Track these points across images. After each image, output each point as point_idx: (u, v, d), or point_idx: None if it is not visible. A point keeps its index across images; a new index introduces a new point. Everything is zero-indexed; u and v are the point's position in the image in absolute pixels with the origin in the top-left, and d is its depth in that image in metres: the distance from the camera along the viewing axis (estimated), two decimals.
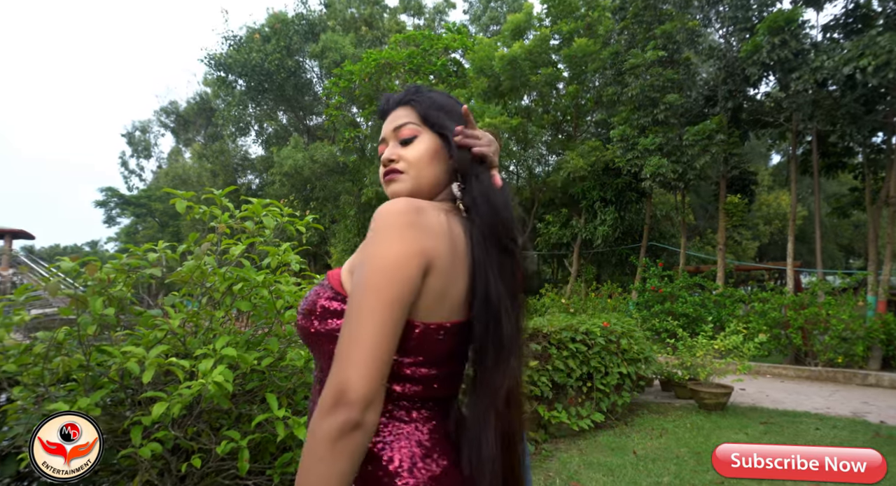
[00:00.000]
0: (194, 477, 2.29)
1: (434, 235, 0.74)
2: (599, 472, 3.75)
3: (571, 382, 4.73)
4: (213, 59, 21.44)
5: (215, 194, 2.18)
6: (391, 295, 0.69)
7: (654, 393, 7.17)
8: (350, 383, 0.66)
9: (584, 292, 13.11)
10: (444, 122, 0.91)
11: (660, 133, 11.89)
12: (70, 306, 1.94)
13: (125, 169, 33.46)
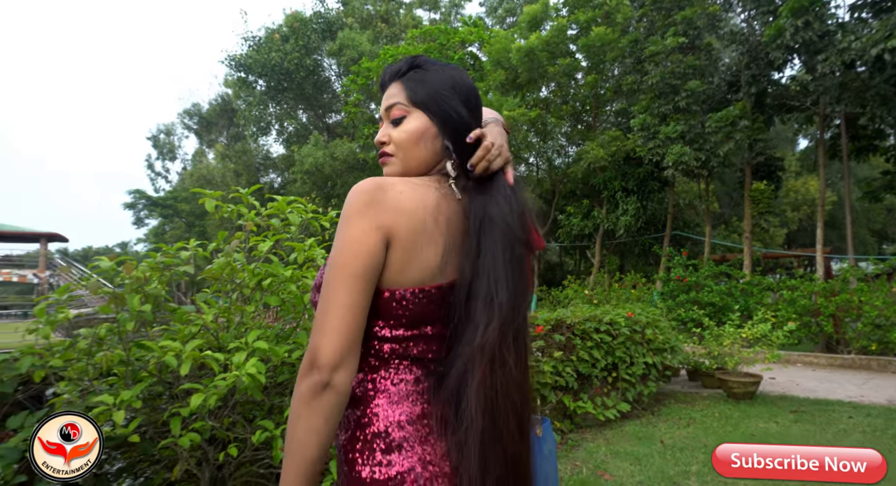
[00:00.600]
0: (231, 466, 2.37)
1: (395, 211, 0.78)
2: (626, 461, 3.76)
3: (596, 372, 4.73)
4: (234, 60, 21.75)
5: (242, 193, 2.25)
6: (352, 269, 0.75)
7: (680, 383, 7.11)
8: (320, 350, 0.73)
9: (607, 282, 13.01)
10: (436, 100, 0.90)
11: (681, 121, 11.70)
12: (109, 303, 2.03)
13: (151, 171, 34.27)
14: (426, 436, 0.79)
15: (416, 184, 0.84)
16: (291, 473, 0.73)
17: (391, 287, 0.79)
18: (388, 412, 0.79)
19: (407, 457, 0.77)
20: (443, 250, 0.81)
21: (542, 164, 16.57)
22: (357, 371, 0.82)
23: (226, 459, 2.27)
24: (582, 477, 3.41)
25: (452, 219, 0.84)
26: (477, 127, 0.93)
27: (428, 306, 0.80)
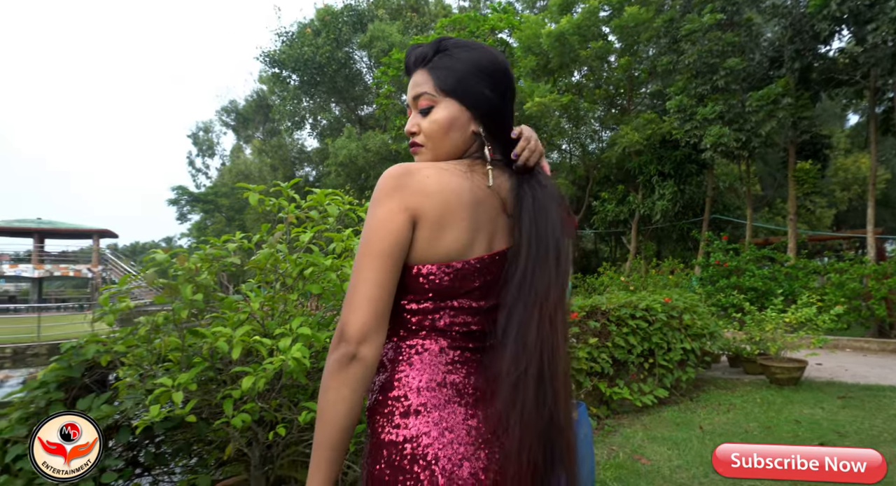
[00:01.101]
0: (279, 446, 2.51)
1: (421, 193, 0.81)
2: (664, 446, 3.75)
3: (632, 358, 4.71)
4: (268, 56, 22.16)
5: (282, 187, 2.35)
6: (380, 248, 0.80)
7: (721, 369, 6.99)
8: (348, 324, 0.78)
9: (643, 269, 12.81)
10: (465, 86, 0.90)
11: (720, 101, 11.35)
12: (164, 293, 2.17)
13: (192, 168, 35.37)
14: (445, 403, 0.83)
15: (444, 168, 0.86)
16: (322, 438, 0.79)
17: (418, 263, 0.83)
18: (409, 379, 0.84)
19: (423, 421, 0.81)
20: (468, 229, 0.84)
21: (575, 149, 16.33)
22: (387, 341, 0.87)
23: (274, 439, 2.40)
24: (618, 461, 3.44)
25: (481, 200, 0.87)
26: (509, 107, 0.95)
27: (453, 282, 0.84)
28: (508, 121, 0.95)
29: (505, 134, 0.94)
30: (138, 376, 2.35)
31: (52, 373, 2.60)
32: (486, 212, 0.88)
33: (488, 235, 0.89)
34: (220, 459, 2.84)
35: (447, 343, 0.86)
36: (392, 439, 0.81)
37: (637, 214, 14.37)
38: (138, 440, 2.96)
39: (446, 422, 0.82)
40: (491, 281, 0.88)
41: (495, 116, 0.92)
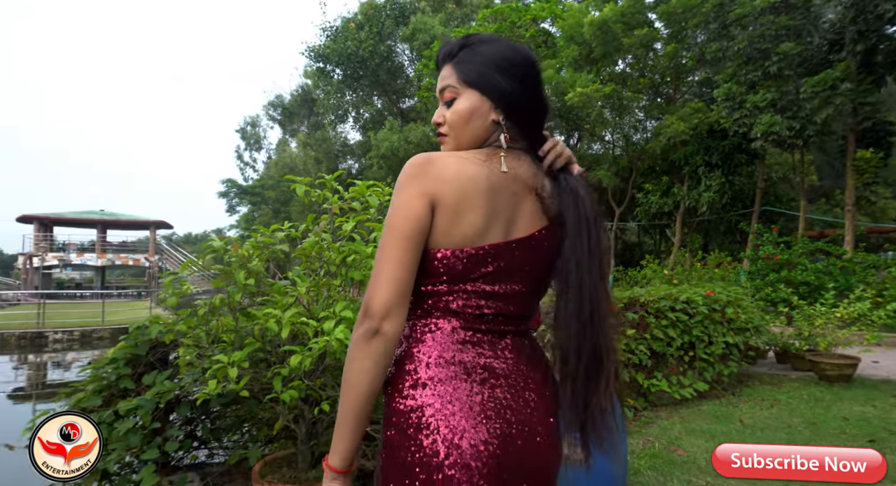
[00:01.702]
0: (323, 424, 2.67)
1: (440, 180, 0.87)
2: (701, 438, 3.74)
3: (671, 351, 4.68)
4: (313, 51, 22.63)
5: (326, 179, 2.49)
6: (402, 231, 0.86)
7: (768, 365, 6.81)
8: (372, 300, 0.83)
9: (688, 262, 12.51)
10: (485, 78, 0.95)
11: (772, 88, 10.91)
12: (220, 278, 2.35)
13: (240, 162, 36.60)
14: (451, 378, 0.88)
15: (463, 157, 0.91)
16: (346, 405, 0.86)
17: (436, 248, 0.89)
18: (421, 355, 0.90)
19: (429, 394, 0.87)
20: (484, 215, 0.89)
21: (618, 140, 16.01)
22: (407, 320, 0.94)
23: (319, 415, 2.56)
24: (654, 451, 3.46)
25: (499, 187, 0.91)
26: (532, 95, 0.98)
27: (465, 266, 0.89)
28: (533, 108, 0.99)
29: (529, 121, 0.98)
30: (196, 355, 2.56)
31: (121, 351, 2.85)
32: (505, 198, 0.92)
33: (506, 221, 0.92)
34: (268, 435, 3.04)
35: (459, 324, 0.91)
36: (401, 408, 0.88)
37: (682, 206, 14.00)
38: (195, 416, 3.20)
39: (451, 396, 0.86)
40: (507, 267, 0.92)
41: (516, 105, 0.97)
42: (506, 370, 0.93)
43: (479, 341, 0.92)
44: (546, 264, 0.96)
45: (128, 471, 2.73)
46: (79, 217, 29.20)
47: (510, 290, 0.93)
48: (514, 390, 0.92)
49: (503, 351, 0.94)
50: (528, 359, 0.97)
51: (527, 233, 0.94)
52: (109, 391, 2.79)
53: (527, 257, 0.94)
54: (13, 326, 13.39)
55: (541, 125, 1.01)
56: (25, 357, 11.70)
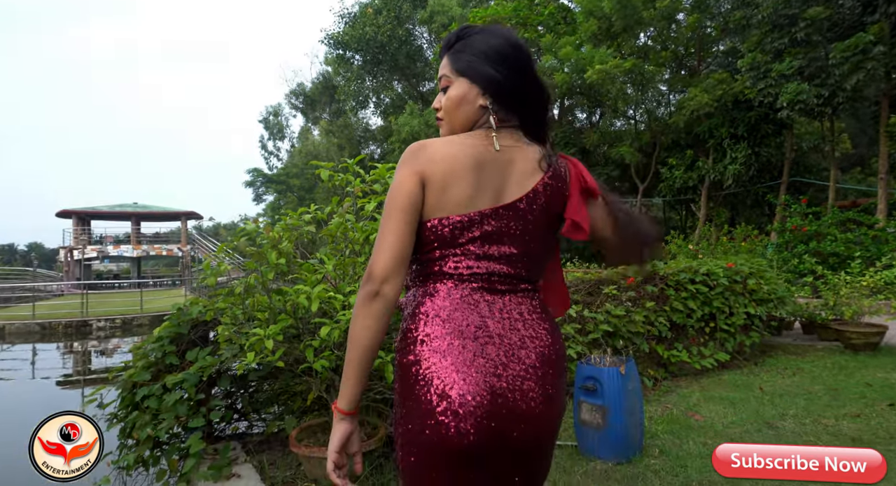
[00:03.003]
0: None
1: (429, 161, 0.99)
2: (720, 405, 3.82)
3: (692, 322, 4.74)
4: (332, 38, 22.73)
5: (349, 163, 2.64)
6: (398, 204, 0.97)
7: (793, 336, 6.79)
8: (374, 265, 0.94)
9: (714, 236, 12.36)
10: (473, 66, 1.06)
11: (799, 55, 10.60)
12: (253, 259, 2.53)
13: (265, 151, 37.17)
14: (446, 335, 0.98)
15: (452, 141, 1.03)
16: (351, 357, 0.98)
17: (428, 218, 1.01)
18: (420, 316, 1.02)
19: (426, 349, 0.98)
20: (470, 186, 1.00)
21: (641, 115, 15.75)
22: (411, 286, 1.08)
23: None
24: (671, 417, 3.56)
25: (486, 162, 1.02)
26: (520, 81, 1.07)
27: (452, 232, 1.00)
28: (521, 91, 1.08)
29: (519, 103, 1.08)
30: (234, 332, 2.76)
31: (166, 330, 3.08)
32: (493, 171, 1.02)
33: (494, 191, 1.03)
34: (302, 407, 3.25)
35: (454, 285, 1.02)
36: (403, 362, 1.01)
37: (707, 180, 13.77)
38: (235, 390, 3.43)
39: (444, 351, 0.97)
40: (495, 231, 1.02)
41: (503, 90, 1.07)
42: (500, 329, 1.00)
43: (474, 301, 1.01)
44: (538, 226, 1.05)
45: (176, 440, 2.98)
46: (114, 210, 30.22)
47: (501, 252, 1.03)
48: (507, 348, 0.99)
49: (499, 311, 1.02)
50: (527, 319, 1.04)
51: (512, 199, 1.03)
52: (157, 367, 3.02)
53: (514, 221, 1.03)
54: (59, 315, 14.08)
55: (535, 105, 1.10)
56: (71, 345, 12.32)
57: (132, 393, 2.92)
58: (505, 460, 0.98)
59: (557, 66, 13.82)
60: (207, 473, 2.72)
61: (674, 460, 2.82)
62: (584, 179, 1.09)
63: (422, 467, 0.96)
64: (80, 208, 29.53)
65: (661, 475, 2.64)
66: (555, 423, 1.03)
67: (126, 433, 2.92)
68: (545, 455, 1.06)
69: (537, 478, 1.06)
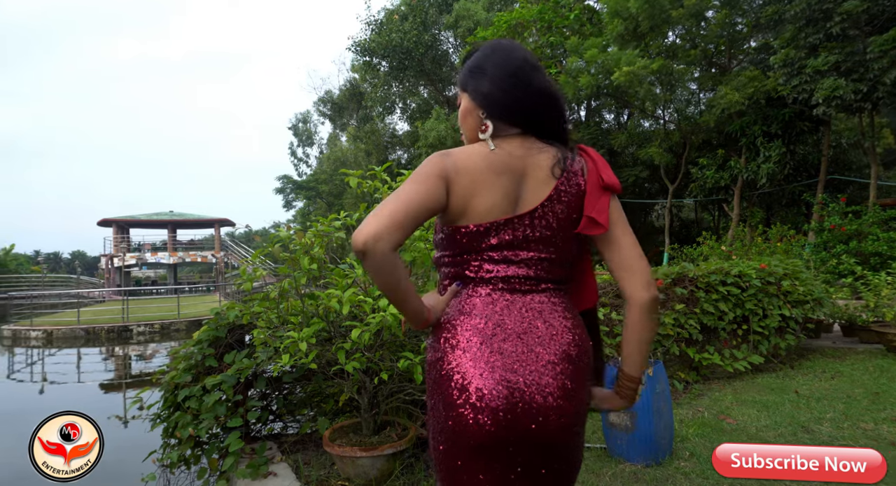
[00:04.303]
0: (382, 394, 2.92)
1: (453, 168, 1.04)
2: (753, 408, 3.76)
3: (723, 325, 4.67)
4: (358, 45, 23.05)
5: (377, 170, 2.72)
6: (413, 181, 1.01)
7: (833, 338, 6.60)
8: (365, 226, 0.94)
9: (748, 237, 12.07)
10: (466, 82, 1.15)
11: (835, 50, 10.30)
12: (286, 265, 2.63)
13: (294, 158, 37.90)
14: (466, 333, 1.05)
15: (471, 150, 1.09)
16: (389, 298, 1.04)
17: (449, 226, 1.08)
18: (445, 316, 1.10)
19: (447, 347, 1.06)
20: (490, 197, 1.05)
21: (669, 115, 15.52)
22: (439, 287, 1.16)
23: (378, 387, 2.82)
24: (703, 420, 3.52)
25: (501, 170, 1.07)
26: (508, 92, 1.10)
27: (472, 240, 1.07)
28: (516, 101, 1.11)
29: (514, 112, 1.11)
30: (268, 335, 2.86)
31: (205, 333, 3.21)
32: (509, 179, 1.07)
33: (512, 199, 1.07)
34: (334, 408, 3.34)
35: (475, 287, 1.09)
36: (429, 359, 1.10)
37: (740, 180, 13.46)
38: (270, 392, 3.55)
39: (463, 348, 1.04)
40: (513, 239, 1.07)
41: (493, 101, 1.12)
42: (518, 327, 1.05)
43: (493, 301, 1.07)
44: (557, 230, 1.09)
45: (215, 440, 3.10)
46: (151, 219, 31.22)
47: (520, 257, 1.08)
48: (525, 346, 1.04)
49: (518, 310, 1.07)
50: (546, 317, 1.07)
51: (529, 208, 1.07)
52: (197, 369, 3.15)
53: (531, 229, 1.07)
54: (102, 320, 14.63)
55: (536, 111, 1.12)
56: (112, 349, 12.79)
57: (174, 394, 3.05)
58: (528, 451, 1.02)
59: (583, 67, 13.74)
60: (245, 471, 2.83)
61: (704, 463, 2.80)
62: (601, 176, 1.10)
63: (449, 455, 1.03)
64: (120, 217, 30.62)
65: (691, 478, 2.63)
66: (575, 417, 1.05)
67: (169, 433, 3.06)
68: (570, 449, 1.08)
69: (565, 472, 1.09)
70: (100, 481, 4.32)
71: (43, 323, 14.72)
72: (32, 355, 12.42)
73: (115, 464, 4.60)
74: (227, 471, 2.89)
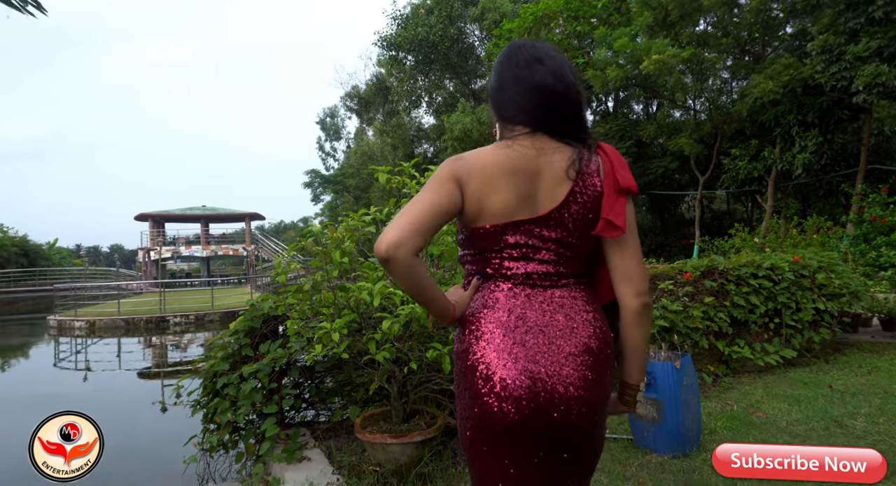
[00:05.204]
0: (411, 384, 3.00)
1: (465, 170, 1.08)
2: (784, 402, 3.71)
3: (754, 318, 4.61)
4: (385, 40, 23.13)
5: (404, 166, 2.78)
6: (428, 188, 1.07)
7: (871, 333, 6.44)
8: (386, 234, 1.01)
9: (783, 229, 11.76)
10: (487, 88, 1.24)
11: (877, 34, 9.91)
12: (318, 258, 2.72)
13: (322, 152, 38.31)
14: (490, 325, 1.10)
15: (483, 150, 1.13)
16: (411, 295, 1.10)
17: (468, 227, 1.13)
18: (470, 310, 1.15)
19: (472, 339, 1.11)
20: (507, 193, 1.09)
21: (700, 105, 15.16)
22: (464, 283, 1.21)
23: (407, 376, 2.90)
24: (732, 413, 3.51)
25: (515, 170, 1.09)
26: (513, 92, 1.15)
27: (491, 239, 1.12)
28: (517, 102, 1.16)
29: (517, 112, 1.16)
30: (301, 325, 2.97)
31: (241, 324, 3.33)
32: (524, 179, 1.10)
33: (527, 200, 1.10)
34: (365, 397, 3.43)
35: (497, 283, 1.14)
36: (457, 350, 1.16)
37: (774, 170, 13.09)
38: (303, 381, 3.67)
39: (487, 340, 1.09)
40: (532, 238, 1.11)
41: (499, 102, 1.19)
42: (540, 321, 1.09)
43: (515, 295, 1.12)
44: (575, 229, 1.12)
45: (252, 426, 3.23)
46: (185, 213, 32.07)
47: (539, 256, 1.12)
48: (546, 338, 1.08)
49: (539, 304, 1.11)
50: (567, 311, 1.11)
51: (545, 210, 1.10)
52: (234, 358, 3.29)
53: (548, 229, 1.11)
54: (141, 312, 15.16)
55: (539, 111, 1.14)
56: (150, 339, 13.26)
57: (213, 382, 3.19)
58: (550, 438, 1.06)
59: (611, 58, 13.53)
60: (281, 455, 2.95)
61: None
62: (616, 178, 1.12)
63: (476, 441, 1.09)
64: (156, 212, 31.53)
65: None
66: (596, 406, 1.09)
67: (208, 418, 3.20)
68: (591, 436, 1.12)
69: (586, 458, 1.14)
70: (143, 461, 4.54)
71: (86, 314, 15.33)
72: (76, 344, 12.97)
73: (156, 447, 4.84)
74: (263, 455, 3.01)
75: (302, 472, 2.80)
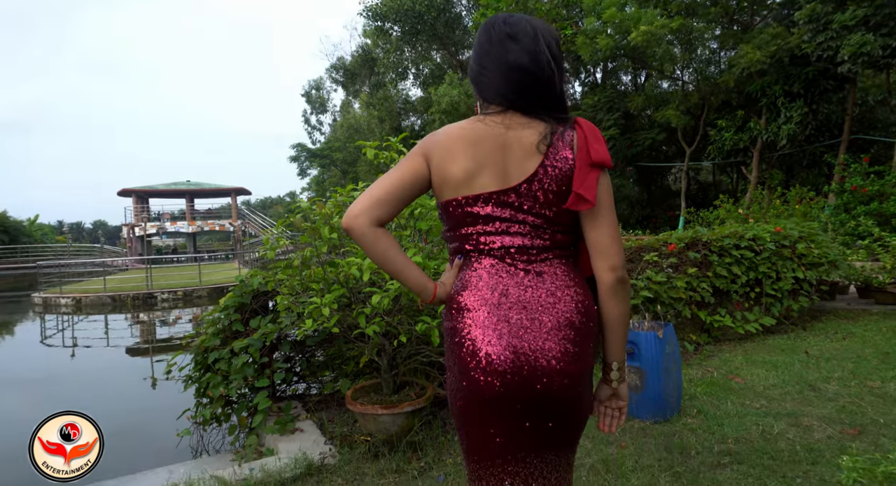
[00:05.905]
0: (401, 357, 3.06)
1: (432, 143, 1.14)
2: (762, 368, 3.84)
3: (736, 287, 4.72)
4: (370, 10, 22.60)
5: (392, 141, 2.77)
6: (402, 164, 1.14)
7: (848, 300, 6.62)
8: (350, 207, 1.10)
9: (767, 200, 11.91)
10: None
11: (864, 3, 9.88)
12: (307, 234, 2.73)
13: (308, 125, 37.71)
14: (475, 302, 1.13)
15: (453, 125, 1.18)
16: (380, 266, 1.16)
17: (441, 199, 1.17)
18: (456, 287, 1.18)
19: (459, 316, 1.15)
20: (468, 163, 1.12)
21: (687, 76, 15.10)
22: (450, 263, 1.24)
23: (397, 349, 2.95)
24: (711, 379, 3.63)
25: (479, 140, 1.12)
26: (487, 70, 1.17)
27: (465, 212, 1.14)
28: (490, 80, 1.17)
29: (490, 91, 1.18)
30: (291, 301, 2.99)
31: (231, 299, 3.35)
32: (491, 149, 1.12)
33: (497, 172, 1.12)
34: (355, 370, 3.49)
35: (479, 258, 1.17)
36: (446, 327, 1.20)
37: (759, 141, 13.17)
38: (294, 355, 3.71)
39: (472, 317, 1.13)
40: (505, 211, 1.12)
41: (474, 80, 1.23)
42: (522, 297, 1.11)
43: (497, 272, 1.14)
44: (548, 203, 1.12)
45: (244, 399, 3.28)
46: (169, 188, 31.61)
47: (515, 229, 1.13)
48: (529, 314, 1.10)
49: (523, 279, 1.13)
50: (550, 287, 1.12)
51: (515, 182, 1.11)
52: (224, 334, 3.31)
53: (521, 201, 1.11)
54: (127, 288, 15.08)
55: (511, 89, 1.15)
56: (138, 316, 13.22)
57: (204, 357, 3.22)
58: (535, 408, 1.10)
59: (601, 28, 13.37)
60: (273, 427, 3.01)
61: (711, 419, 2.92)
62: (589, 152, 1.11)
63: (465, 411, 1.14)
64: (139, 187, 31.04)
65: (698, 433, 2.74)
66: (579, 377, 1.12)
67: (201, 393, 3.24)
68: (574, 405, 1.15)
69: (571, 425, 1.18)
70: (140, 435, 4.59)
71: (72, 291, 15.22)
72: (62, 321, 12.91)
73: (150, 423, 4.89)
74: (256, 428, 3.07)
75: (295, 443, 2.87)
